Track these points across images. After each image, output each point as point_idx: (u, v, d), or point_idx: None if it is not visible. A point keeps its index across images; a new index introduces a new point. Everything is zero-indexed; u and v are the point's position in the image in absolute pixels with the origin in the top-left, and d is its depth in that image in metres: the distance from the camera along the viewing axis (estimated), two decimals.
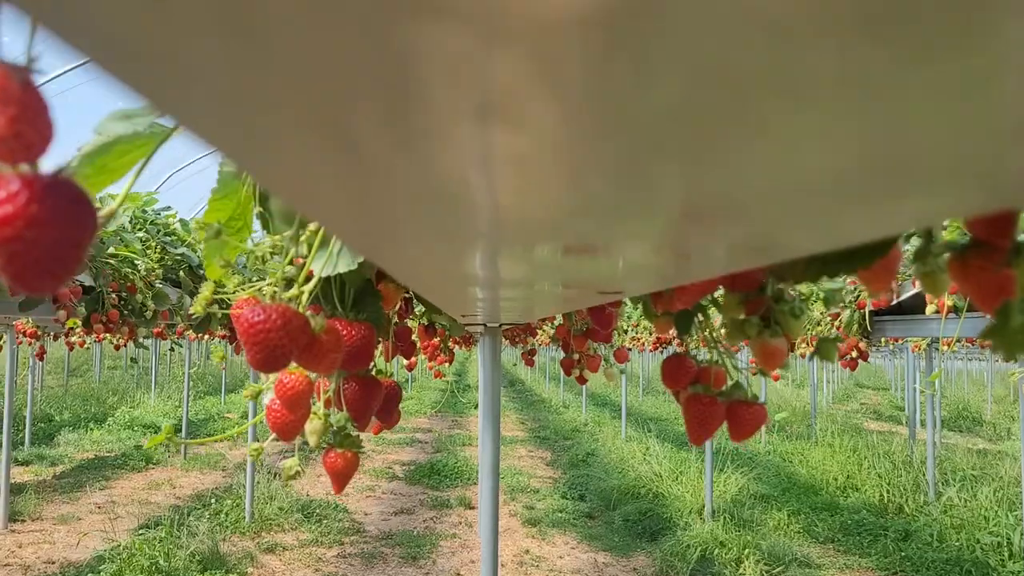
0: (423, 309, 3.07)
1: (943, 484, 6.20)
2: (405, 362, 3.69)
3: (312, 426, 0.90)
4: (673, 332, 1.09)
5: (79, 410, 11.89)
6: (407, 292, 1.53)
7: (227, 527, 5.92)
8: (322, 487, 7.52)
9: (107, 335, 4.46)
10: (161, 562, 4.77)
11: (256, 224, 0.92)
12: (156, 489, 7.45)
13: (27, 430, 9.40)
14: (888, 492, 6.38)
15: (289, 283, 0.89)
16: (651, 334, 6.90)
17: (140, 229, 3.50)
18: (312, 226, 0.83)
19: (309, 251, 0.84)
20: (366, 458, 9.41)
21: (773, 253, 0.44)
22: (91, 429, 10.63)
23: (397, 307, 1.37)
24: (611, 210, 0.35)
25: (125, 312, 3.22)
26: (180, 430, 9.78)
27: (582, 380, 2.39)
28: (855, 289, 3.50)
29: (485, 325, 2.69)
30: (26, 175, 0.27)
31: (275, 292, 0.88)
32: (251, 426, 6.07)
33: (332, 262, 0.83)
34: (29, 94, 0.26)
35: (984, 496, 5.47)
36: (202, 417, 12.48)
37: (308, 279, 0.91)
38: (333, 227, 0.48)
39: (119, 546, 5.17)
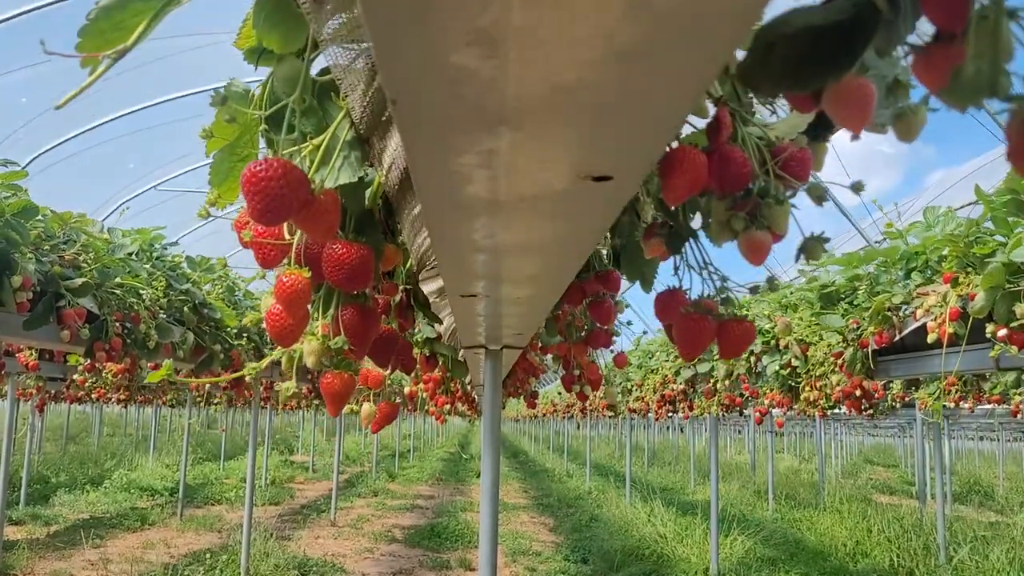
0: (424, 337, 3.08)
1: (954, 548, 6.05)
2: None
3: (310, 347, 0.91)
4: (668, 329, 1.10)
5: (76, 473, 11.75)
6: (412, 278, 1.54)
7: None
8: (319, 547, 7.38)
9: (107, 371, 4.46)
10: None
11: (261, 143, 0.94)
12: (151, 548, 7.31)
13: (23, 490, 9.29)
14: (898, 556, 6.24)
15: None
16: (655, 391, 6.85)
17: (147, 262, 3.54)
18: (315, 141, 0.86)
19: (311, 166, 0.87)
20: (365, 521, 9.25)
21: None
22: (87, 491, 10.49)
23: (394, 268, 1.38)
24: None
25: (128, 341, 3.24)
26: (177, 491, 9.66)
27: (583, 397, 2.37)
28: (857, 328, 3.50)
29: (486, 348, 2.70)
30: None
31: None
32: (249, 484, 6.00)
33: (333, 175, 0.85)
34: None
35: (996, 557, 5.34)
36: (200, 482, 12.32)
37: None
38: None
39: None
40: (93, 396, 9.39)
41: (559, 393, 15.93)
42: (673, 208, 0.93)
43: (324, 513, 9.73)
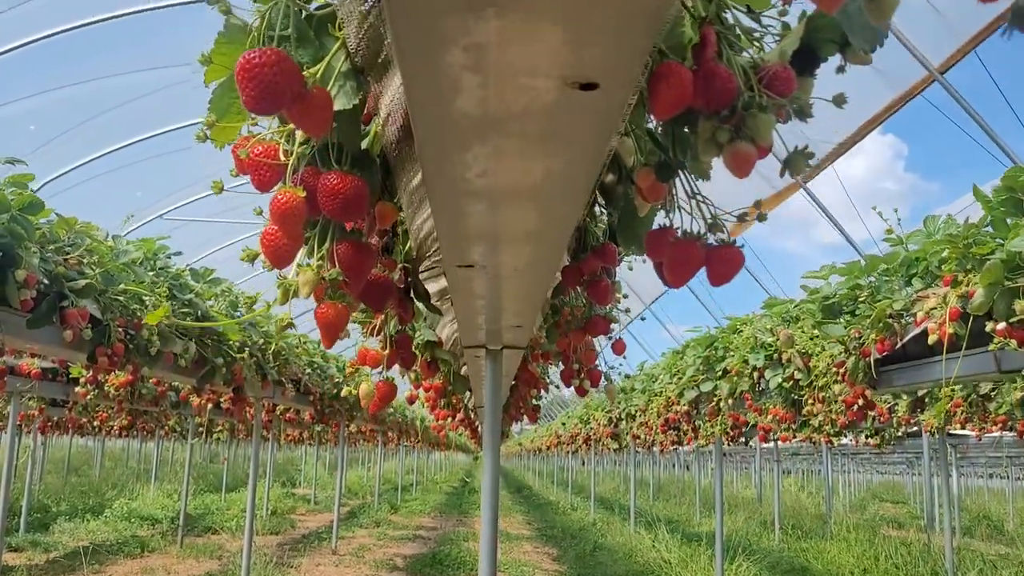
0: (425, 340, 3.07)
1: (962, 573, 5.96)
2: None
3: (305, 276, 0.93)
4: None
5: (77, 502, 11.67)
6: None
7: None
8: (319, 568, 7.30)
9: (109, 384, 4.46)
10: None
11: None
12: (150, 574, 7.24)
13: (23, 516, 9.23)
14: None
15: (290, 137, 0.94)
16: (658, 415, 6.82)
17: (151, 271, 3.56)
18: (311, 70, 0.88)
19: None
20: (367, 550, 9.16)
21: None
22: (87, 520, 10.41)
23: (390, 224, 1.39)
24: None
25: (130, 347, 3.24)
26: (178, 520, 9.59)
27: (582, 391, 2.38)
28: (859, 337, 3.49)
29: (487, 348, 2.70)
30: None
31: (279, 142, 0.92)
32: (250, 507, 5.97)
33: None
34: None
35: None
36: (201, 512, 12.23)
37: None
38: None
39: None
40: (95, 423, 9.38)
41: (563, 423, 15.85)
42: (663, 143, 0.94)
43: (325, 542, 9.63)
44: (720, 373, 5.09)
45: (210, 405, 5.87)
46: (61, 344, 2.97)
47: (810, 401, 3.86)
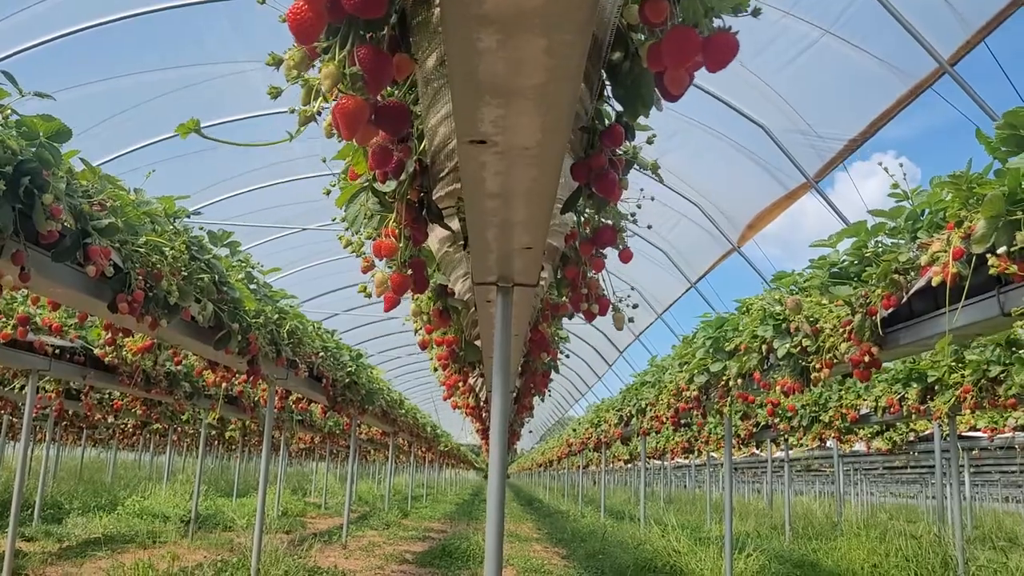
0: (437, 284, 3.13)
1: (972, 562, 5.92)
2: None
3: (327, 70, 0.99)
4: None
5: (89, 500, 11.74)
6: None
7: None
8: (329, 559, 7.32)
9: (127, 349, 4.53)
10: None
11: None
12: (161, 560, 7.28)
13: (36, 507, 9.30)
14: (917, 573, 6.11)
15: None
16: (668, 407, 6.83)
17: (171, 228, 3.64)
18: None
19: None
20: (377, 547, 9.17)
21: None
22: (100, 516, 10.48)
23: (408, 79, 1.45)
24: None
25: (149, 295, 3.32)
26: (189, 521, 9.64)
27: (590, 316, 2.42)
28: (866, 297, 3.53)
29: (498, 285, 2.76)
30: None
31: None
32: (262, 492, 6.01)
33: None
34: None
35: (1015, 565, 5.22)
36: (212, 512, 12.27)
37: None
38: None
39: None
40: (109, 419, 9.45)
41: (573, 430, 15.84)
42: None
43: (336, 539, 9.66)
44: (730, 352, 5.13)
45: (224, 384, 5.93)
46: (84, 287, 3.05)
47: (817, 366, 3.89)
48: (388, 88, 1.53)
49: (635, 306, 2.57)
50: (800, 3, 6.61)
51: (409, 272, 1.97)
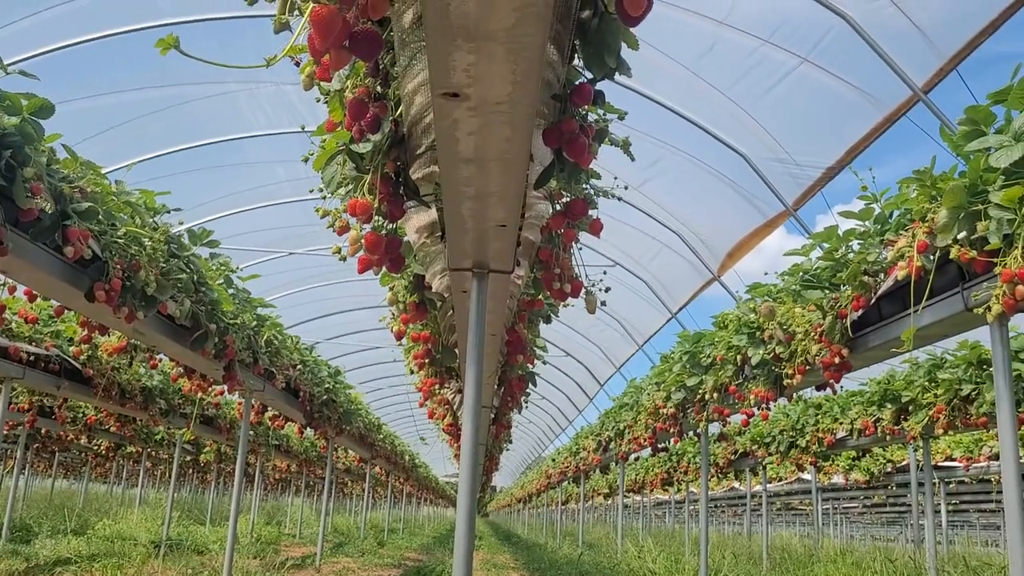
0: (413, 273, 3.15)
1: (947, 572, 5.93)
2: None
3: None
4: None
5: (59, 523, 11.53)
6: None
7: None
8: None
9: (102, 350, 4.52)
10: None
11: None
12: None
13: (4, 528, 9.12)
14: None
15: None
16: (646, 428, 6.85)
17: (151, 222, 3.66)
18: None
19: None
20: (351, 572, 9.05)
21: None
22: (70, 539, 10.27)
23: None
24: None
25: (127, 284, 3.33)
26: (160, 545, 9.49)
27: (561, 295, 2.45)
28: (837, 300, 3.59)
29: (473, 271, 2.79)
30: None
31: None
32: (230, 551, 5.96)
33: None
34: None
35: None
36: (184, 537, 12.06)
37: None
38: None
39: None
40: (83, 429, 9.31)
41: (552, 459, 15.77)
42: None
43: (310, 564, 9.52)
44: (706, 367, 5.17)
45: (200, 394, 5.89)
46: (61, 275, 3.06)
47: (790, 372, 3.93)
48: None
49: (607, 289, 2.61)
50: (778, 32, 6.77)
51: (384, 233, 2.00)
